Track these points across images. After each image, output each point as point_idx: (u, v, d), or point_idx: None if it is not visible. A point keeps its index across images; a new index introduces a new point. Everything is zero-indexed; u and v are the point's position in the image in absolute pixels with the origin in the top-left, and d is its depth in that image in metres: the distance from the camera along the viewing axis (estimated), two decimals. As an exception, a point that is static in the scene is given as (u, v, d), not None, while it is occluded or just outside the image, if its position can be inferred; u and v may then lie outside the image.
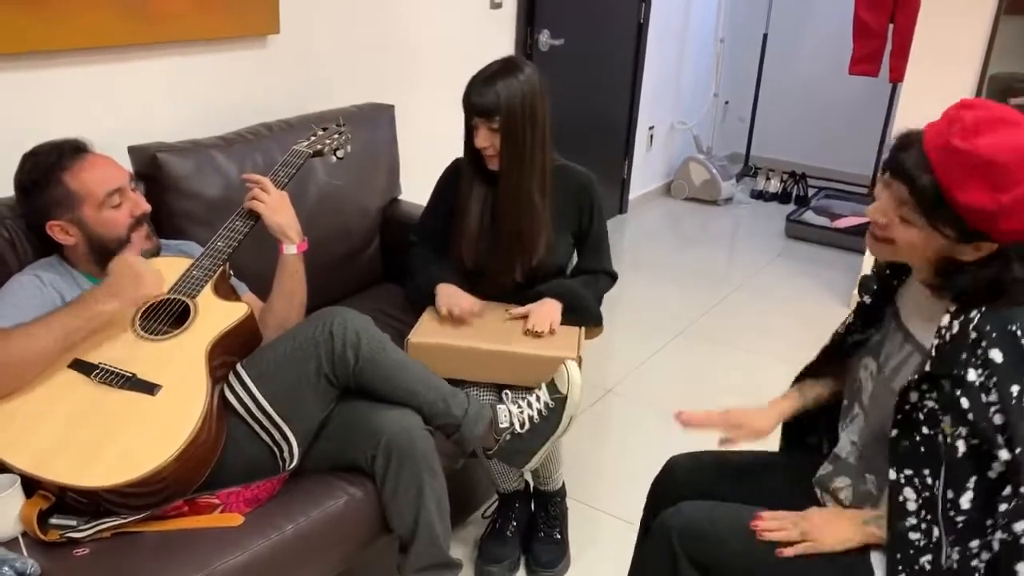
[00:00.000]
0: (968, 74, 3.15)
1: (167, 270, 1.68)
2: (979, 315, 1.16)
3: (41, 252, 1.74)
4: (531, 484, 2.16)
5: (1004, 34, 3.06)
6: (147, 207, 1.75)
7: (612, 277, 2.12)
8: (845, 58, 4.52)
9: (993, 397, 1.12)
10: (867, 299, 1.45)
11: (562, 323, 1.95)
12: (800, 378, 1.61)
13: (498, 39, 3.50)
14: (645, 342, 3.34)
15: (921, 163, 1.13)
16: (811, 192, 5.20)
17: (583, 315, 1.99)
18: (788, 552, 1.32)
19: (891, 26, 4.26)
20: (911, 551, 1.22)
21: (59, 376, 1.49)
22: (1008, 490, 1.11)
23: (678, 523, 1.41)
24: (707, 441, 1.60)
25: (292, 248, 1.81)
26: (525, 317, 1.94)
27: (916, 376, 1.23)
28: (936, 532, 1.19)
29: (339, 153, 2.03)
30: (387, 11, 2.86)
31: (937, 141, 1.12)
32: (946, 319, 1.21)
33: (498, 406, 1.74)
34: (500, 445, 1.71)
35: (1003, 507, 1.12)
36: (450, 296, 1.97)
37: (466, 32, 3.27)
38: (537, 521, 2.13)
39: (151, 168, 1.94)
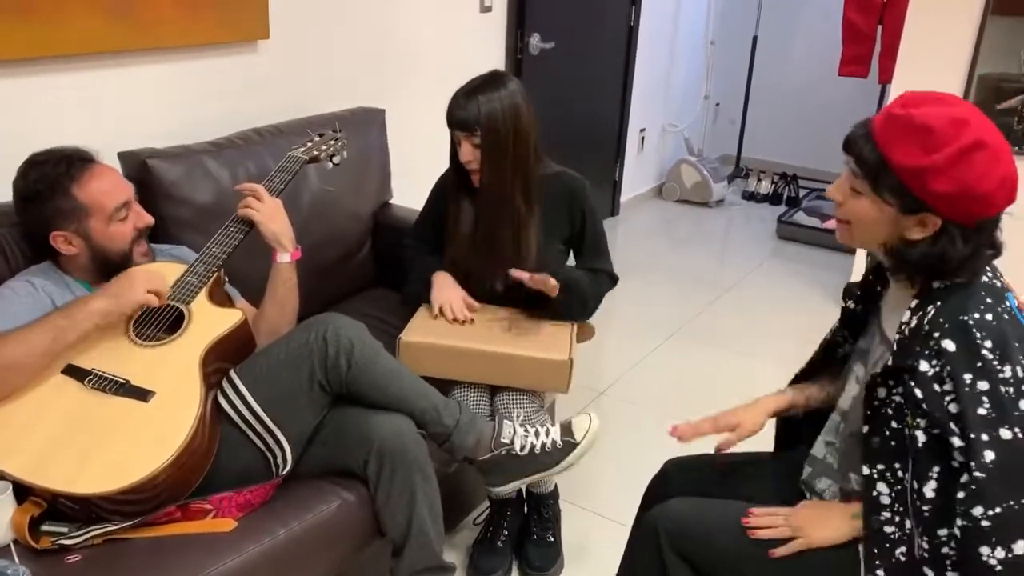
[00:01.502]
0: (956, 74, 3.16)
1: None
2: (935, 309, 1.19)
3: (33, 259, 1.73)
4: (523, 488, 2.16)
5: (991, 34, 3.08)
6: (150, 220, 1.75)
7: (613, 279, 2.11)
8: (835, 60, 4.54)
9: (948, 386, 1.15)
10: (851, 304, 1.46)
11: (554, 313, 1.96)
12: (795, 381, 1.63)
13: (488, 43, 3.50)
14: (638, 344, 3.35)
15: (866, 135, 1.22)
16: (802, 193, 5.22)
17: (576, 303, 1.97)
18: (780, 552, 1.33)
19: (880, 27, 4.28)
20: (887, 544, 1.24)
21: (52, 382, 1.49)
22: (965, 477, 1.14)
23: (666, 519, 1.43)
24: (703, 442, 1.61)
25: (286, 256, 1.81)
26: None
27: (880, 371, 1.25)
28: (908, 524, 1.22)
29: (335, 159, 2.03)
30: (377, 15, 2.87)
31: (880, 115, 1.23)
32: (907, 315, 1.25)
33: (504, 421, 1.75)
34: (491, 457, 1.71)
35: (961, 494, 1.14)
36: (444, 291, 1.98)
37: (456, 36, 3.28)
38: (530, 523, 2.13)
39: (141, 174, 1.94)
